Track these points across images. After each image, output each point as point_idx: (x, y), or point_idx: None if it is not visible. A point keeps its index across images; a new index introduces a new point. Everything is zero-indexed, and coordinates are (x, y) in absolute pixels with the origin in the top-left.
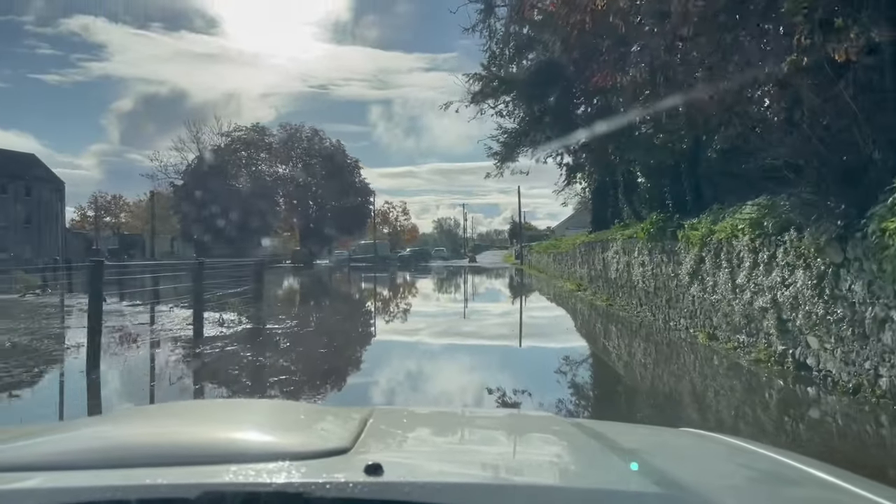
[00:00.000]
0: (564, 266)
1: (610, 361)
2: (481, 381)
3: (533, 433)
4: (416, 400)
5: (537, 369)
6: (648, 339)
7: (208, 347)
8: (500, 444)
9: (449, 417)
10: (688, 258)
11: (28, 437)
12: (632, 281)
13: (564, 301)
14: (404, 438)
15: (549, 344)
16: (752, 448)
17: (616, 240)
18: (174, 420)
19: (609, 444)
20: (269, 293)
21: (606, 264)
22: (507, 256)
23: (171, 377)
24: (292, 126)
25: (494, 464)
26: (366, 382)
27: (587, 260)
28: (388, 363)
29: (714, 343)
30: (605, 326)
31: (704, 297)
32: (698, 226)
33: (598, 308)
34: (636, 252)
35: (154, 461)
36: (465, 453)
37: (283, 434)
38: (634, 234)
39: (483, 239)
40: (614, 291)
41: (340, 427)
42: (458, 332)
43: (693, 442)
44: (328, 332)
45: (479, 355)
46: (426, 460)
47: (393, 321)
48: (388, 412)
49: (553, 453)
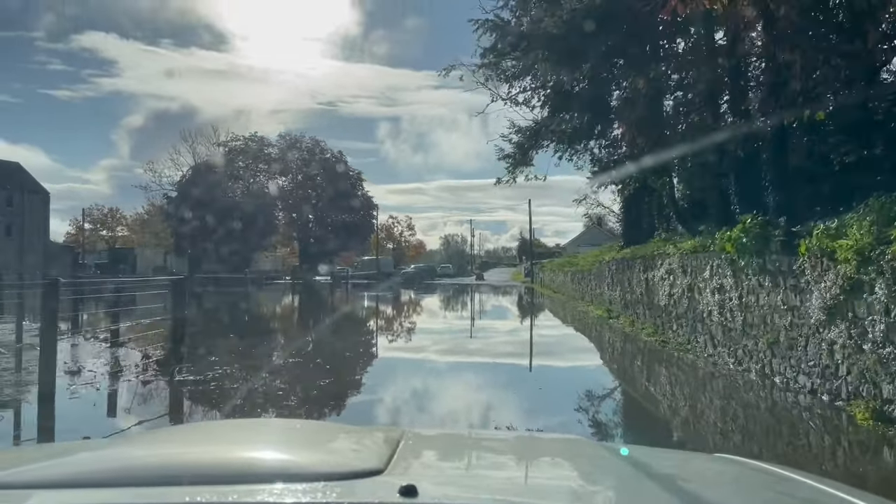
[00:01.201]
0: (585, 286)
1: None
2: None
3: (564, 457)
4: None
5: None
6: (767, 411)
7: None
8: (531, 468)
9: (481, 440)
10: (823, 283)
11: (54, 455)
12: (697, 311)
13: (597, 334)
14: (437, 460)
15: (606, 417)
16: (789, 475)
17: (668, 255)
18: (208, 439)
19: (643, 469)
20: (217, 318)
21: (651, 287)
22: (516, 274)
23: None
24: (292, 136)
25: (527, 487)
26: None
27: (620, 280)
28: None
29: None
30: (677, 382)
31: (863, 345)
32: (850, 231)
33: (647, 347)
34: (709, 272)
35: (190, 480)
36: (498, 476)
37: (317, 454)
38: (707, 246)
39: (490, 256)
40: (664, 322)
41: (373, 448)
42: (456, 395)
43: (729, 468)
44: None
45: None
46: (459, 482)
47: (365, 376)
48: (420, 434)
49: (585, 478)
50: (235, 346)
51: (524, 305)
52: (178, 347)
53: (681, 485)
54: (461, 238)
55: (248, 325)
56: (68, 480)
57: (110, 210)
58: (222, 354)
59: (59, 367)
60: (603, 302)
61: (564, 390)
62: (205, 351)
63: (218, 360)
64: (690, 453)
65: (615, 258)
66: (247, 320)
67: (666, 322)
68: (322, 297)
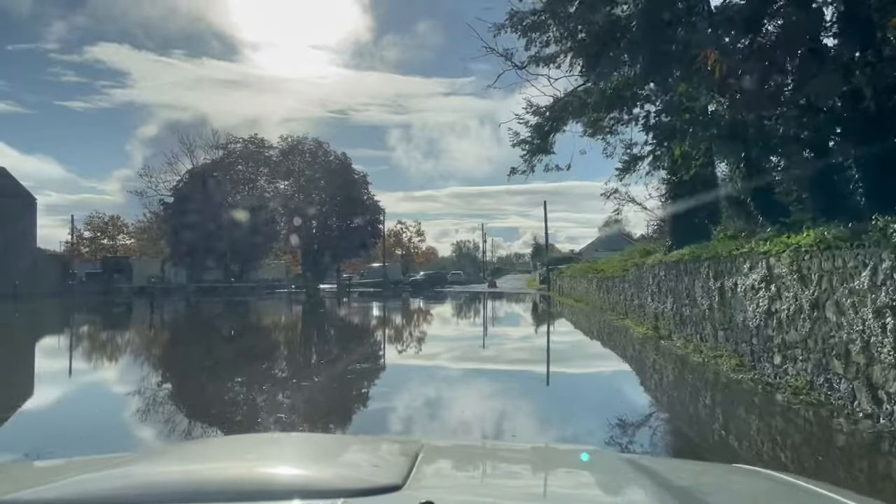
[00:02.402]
0: (617, 296)
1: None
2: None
3: (583, 469)
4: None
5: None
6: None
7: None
8: (551, 480)
9: (500, 452)
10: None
11: (74, 472)
12: (833, 340)
13: (659, 366)
14: (456, 474)
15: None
16: (808, 486)
17: (766, 254)
18: (228, 455)
19: (661, 481)
20: None
21: (729, 300)
22: (531, 281)
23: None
24: (294, 138)
25: (547, 500)
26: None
27: (673, 290)
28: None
29: None
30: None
31: None
32: None
33: (747, 393)
34: (867, 278)
35: (210, 497)
36: (515, 490)
37: (337, 468)
38: (856, 238)
39: (503, 262)
40: (756, 351)
41: (392, 461)
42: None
43: (748, 480)
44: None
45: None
46: (479, 497)
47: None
48: (439, 446)
49: (604, 489)
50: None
51: (549, 318)
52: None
53: (700, 497)
54: (473, 244)
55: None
56: (88, 499)
57: (111, 218)
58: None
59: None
60: (645, 316)
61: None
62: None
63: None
64: (709, 464)
65: (662, 261)
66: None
67: (760, 351)
68: (314, 309)
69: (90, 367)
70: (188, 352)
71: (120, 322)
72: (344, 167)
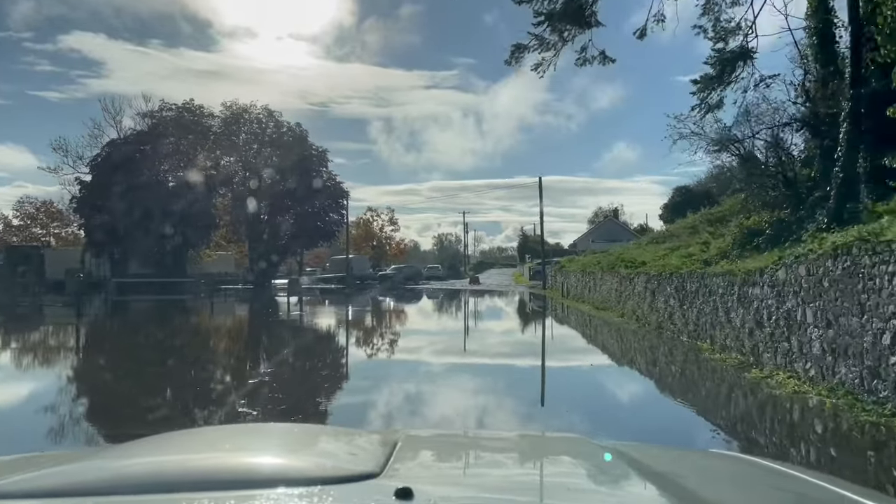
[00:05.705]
0: (685, 308)
1: None
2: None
3: (563, 456)
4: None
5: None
6: None
7: None
8: (529, 467)
9: (478, 441)
10: None
11: (51, 465)
12: None
13: None
14: (434, 462)
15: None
16: (784, 470)
17: None
18: (205, 445)
19: (640, 467)
20: None
21: None
22: (518, 276)
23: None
24: (239, 105)
25: (525, 488)
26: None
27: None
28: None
29: None
30: None
31: None
32: None
33: None
34: None
35: (187, 487)
36: (495, 477)
37: (314, 457)
38: None
39: (486, 256)
40: None
41: (370, 451)
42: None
43: (724, 464)
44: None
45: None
46: (456, 485)
47: None
48: (417, 436)
49: (584, 477)
50: None
51: (573, 349)
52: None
53: (679, 482)
54: (455, 238)
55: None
56: (65, 489)
57: (43, 203)
58: None
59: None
60: (763, 345)
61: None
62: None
63: None
64: (686, 451)
65: (813, 253)
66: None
67: None
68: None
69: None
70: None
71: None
72: (299, 140)
